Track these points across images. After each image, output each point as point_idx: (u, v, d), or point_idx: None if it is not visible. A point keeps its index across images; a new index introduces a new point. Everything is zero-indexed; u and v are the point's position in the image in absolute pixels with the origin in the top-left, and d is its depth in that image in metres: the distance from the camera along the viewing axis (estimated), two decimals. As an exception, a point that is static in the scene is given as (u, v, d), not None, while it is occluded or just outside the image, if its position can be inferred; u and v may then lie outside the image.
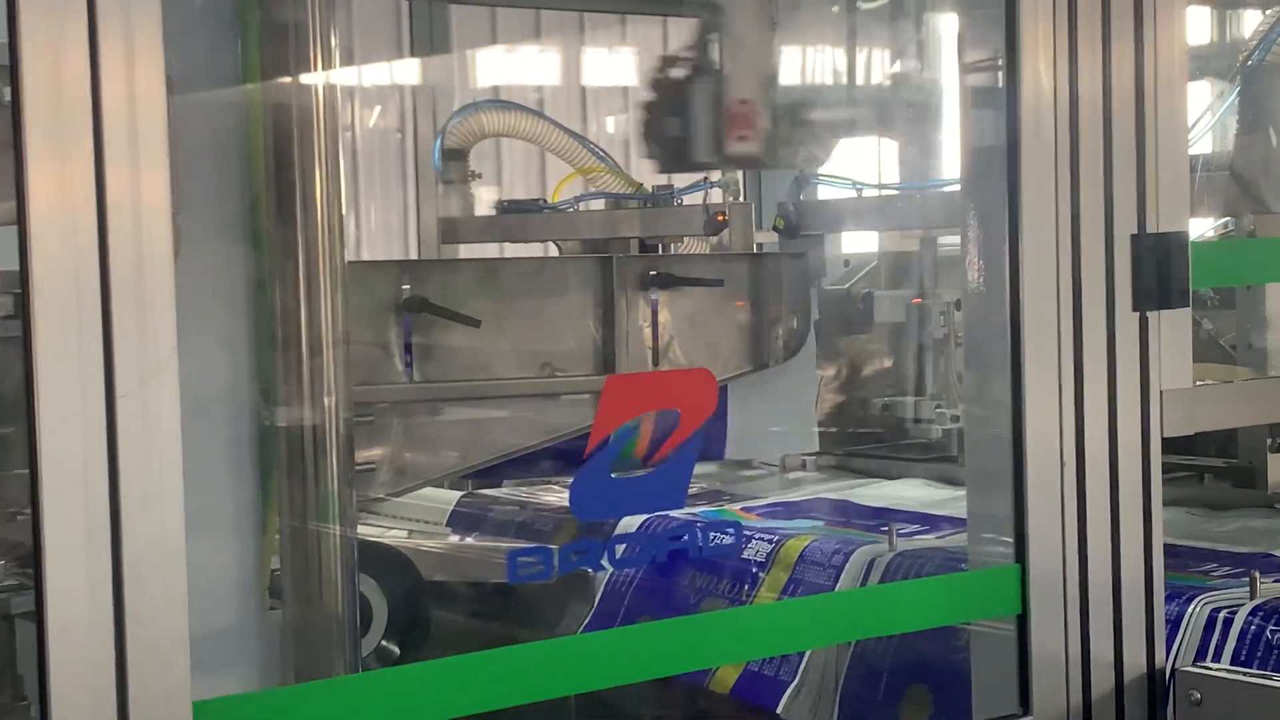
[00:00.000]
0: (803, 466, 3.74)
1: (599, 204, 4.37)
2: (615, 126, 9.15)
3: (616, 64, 9.33)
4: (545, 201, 4.54)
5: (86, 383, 1.44)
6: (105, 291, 1.45)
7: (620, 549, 2.41)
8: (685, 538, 2.51)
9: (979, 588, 2.06)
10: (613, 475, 1.83)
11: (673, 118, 3.01)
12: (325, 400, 2.17)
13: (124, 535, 1.46)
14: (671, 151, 3.05)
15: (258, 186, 2.13)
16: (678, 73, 3.01)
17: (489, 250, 4.87)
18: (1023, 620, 2.05)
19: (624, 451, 1.81)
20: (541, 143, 4.67)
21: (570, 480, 2.35)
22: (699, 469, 3.42)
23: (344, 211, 2.23)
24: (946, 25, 3.82)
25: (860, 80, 3.62)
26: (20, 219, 1.43)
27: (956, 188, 3.27)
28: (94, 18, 1.46)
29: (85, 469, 1.45)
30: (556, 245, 4.60)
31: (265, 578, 2.07)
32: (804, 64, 3.52)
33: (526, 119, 4.63)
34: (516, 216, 4.27)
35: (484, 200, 4.84)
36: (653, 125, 3.06)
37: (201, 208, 2.03)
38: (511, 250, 5.03)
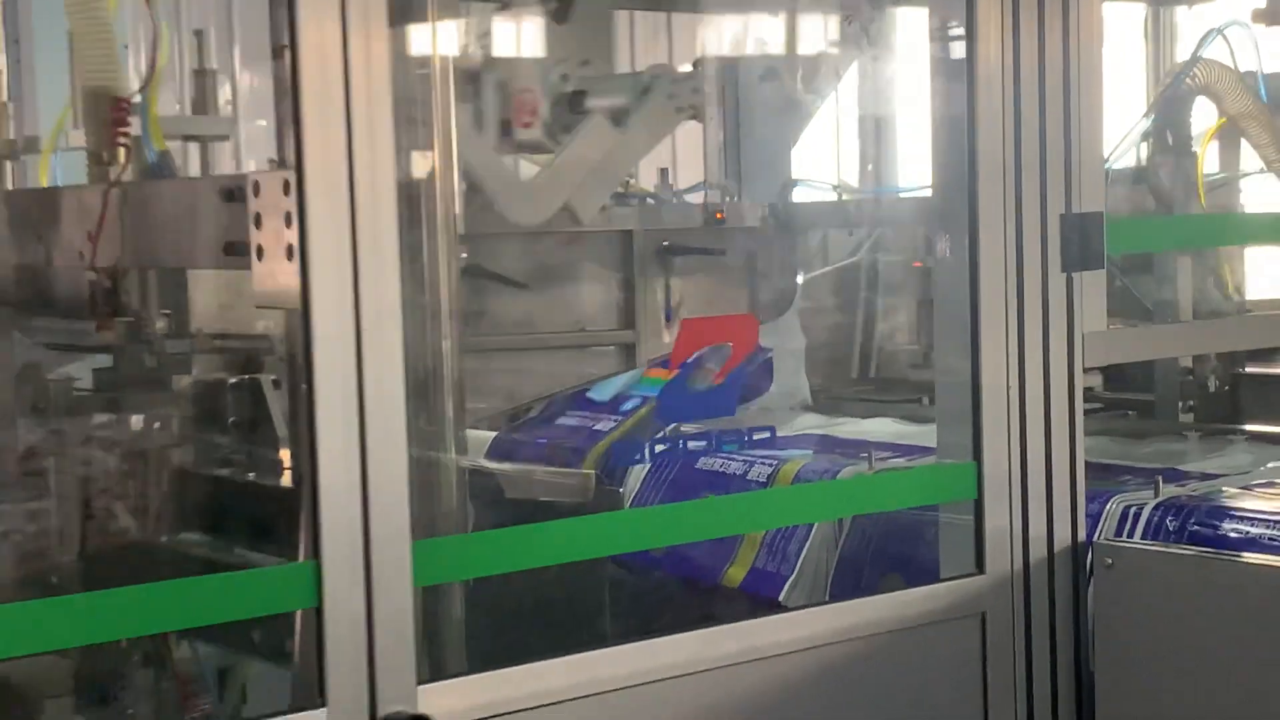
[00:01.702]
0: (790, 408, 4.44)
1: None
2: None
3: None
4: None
5: (343, 315, 2.12)
6: (354, 240, 2.12)
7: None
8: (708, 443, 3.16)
9: (947, 477, 2.79)
10: (688, 390, 2.54)
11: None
12: (444, 345, 2.84)
13: (367, 427, 2.14)
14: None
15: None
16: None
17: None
18: (978, 503, 2.77)
19: (695, 374, 2.52)
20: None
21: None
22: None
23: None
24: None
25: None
26: (299, 176, 2.09)
27: (921, 193, 4.01)
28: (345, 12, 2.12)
29: (343, 381, 2.13)
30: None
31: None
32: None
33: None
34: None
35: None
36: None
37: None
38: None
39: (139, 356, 3.09)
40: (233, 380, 3.16)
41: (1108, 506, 3.16)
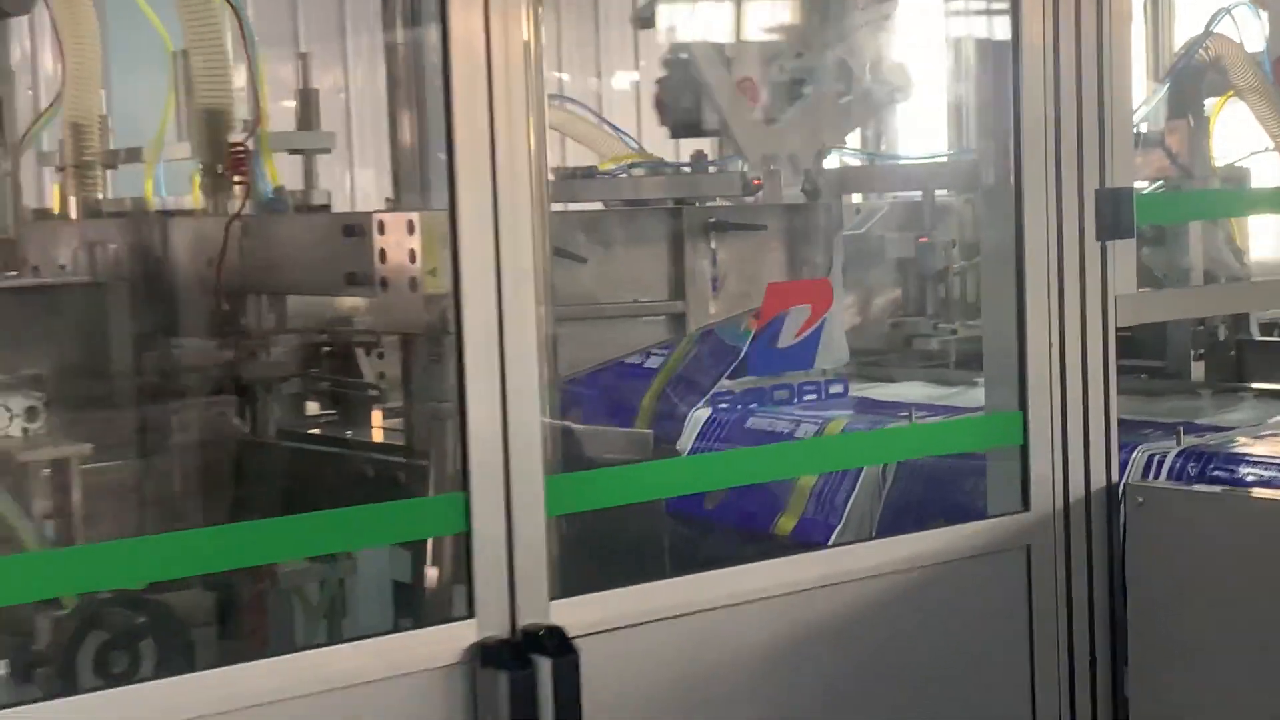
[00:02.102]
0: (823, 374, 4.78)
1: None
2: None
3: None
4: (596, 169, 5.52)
5: (487, 275, 2.44)
6: (495, 211, 2.45)
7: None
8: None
9: (997, 425, 3.12)
10: (773, 347, 2.88)
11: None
12: (540, 310, 3.16)
13: (508, 388, 2.47)
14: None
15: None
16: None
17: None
18: (1024, 449, 3.11)
19: (779, 332, 2.86)
20: (572, 134, 5.66)
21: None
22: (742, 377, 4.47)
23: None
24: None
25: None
26: (449, 151, 2.41)
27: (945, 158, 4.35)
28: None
29: (486, 332, 2.46)
30: (604, 204, 5.59)
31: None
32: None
33: (572, 120, 5.64)
34: (582, 180, 5.25)
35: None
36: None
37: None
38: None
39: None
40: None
41: (1134, 455, 3.51)
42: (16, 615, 2.88)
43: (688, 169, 5.22)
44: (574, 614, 2.53)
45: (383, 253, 2.83)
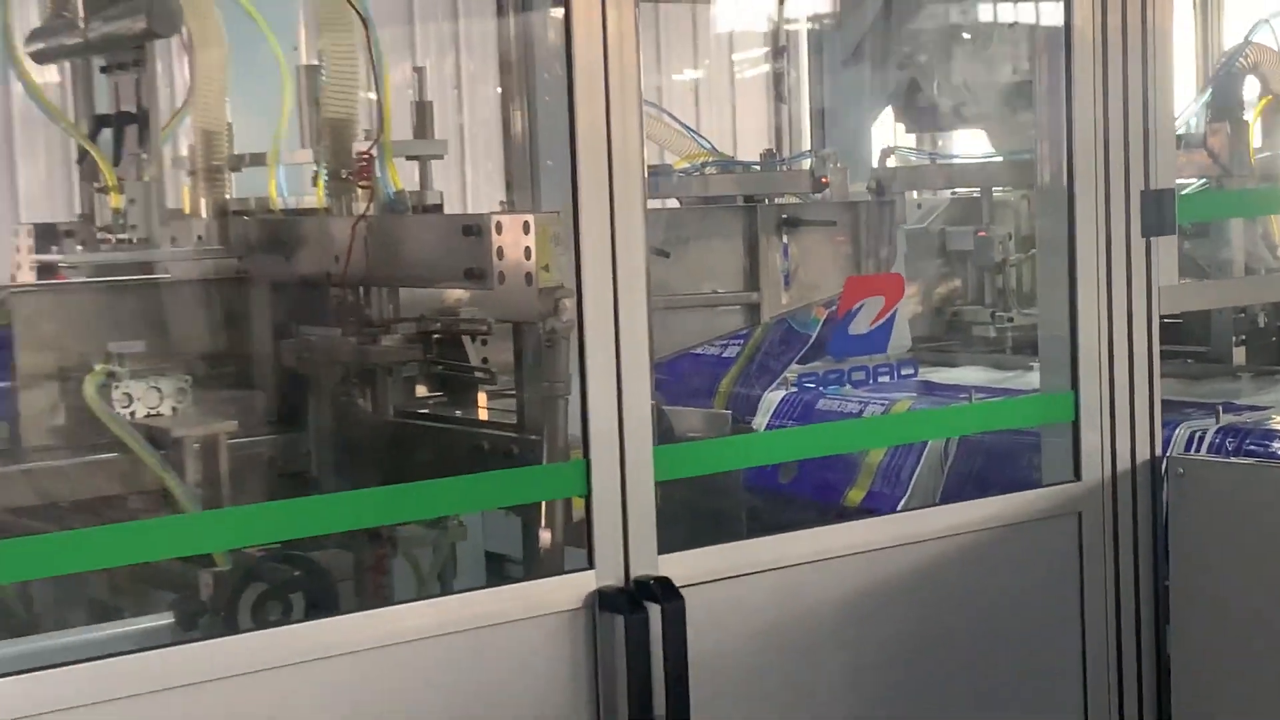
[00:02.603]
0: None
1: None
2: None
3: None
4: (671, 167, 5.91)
5: (604, 267, 2.82)
6: (612, 209, 2.82)
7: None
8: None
9: (1051, 403, 3.49)
10: (850, 333, 3.26)
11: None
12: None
13: (623, 370, 2.85)
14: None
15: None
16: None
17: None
18: (1075, 424, 3.47)
19: (857, 320, 3.24)
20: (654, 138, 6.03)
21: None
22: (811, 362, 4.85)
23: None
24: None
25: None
26: (571, 142, 2.78)
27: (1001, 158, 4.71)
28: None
29: (604, 320, 2.83)
30: (679, 201, 5.97)
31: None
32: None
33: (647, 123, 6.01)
34: (661, 178, 5.63)
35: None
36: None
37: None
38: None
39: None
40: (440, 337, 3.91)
41: (1177, 431, 3.87)
42: (179, 573, 3.29)
43: (758, 167, 5.61)
44: (679, 567, 2.91)
45: (500, 250, 3.20)
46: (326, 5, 3.65)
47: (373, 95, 3.74)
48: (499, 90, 3.57)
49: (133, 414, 3.44)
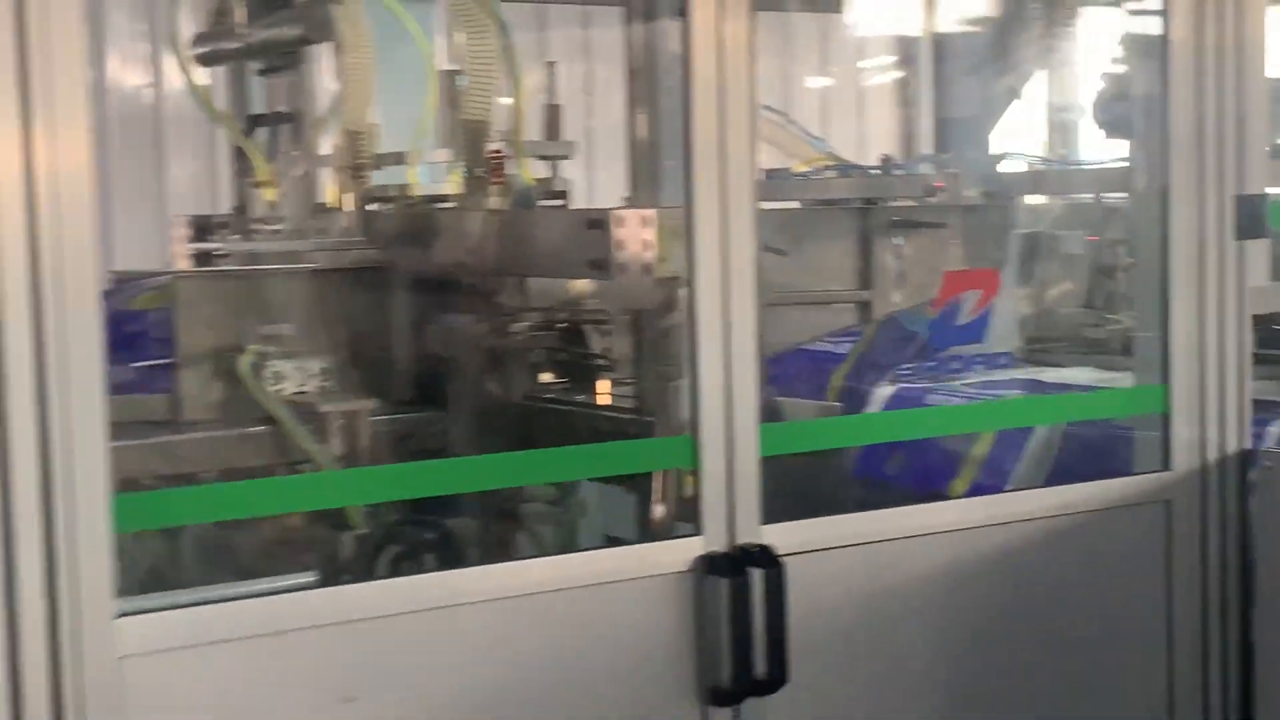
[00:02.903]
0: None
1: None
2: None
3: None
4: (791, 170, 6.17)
5: (714, 260, 3.09)
6: (724, 208, 3.08)
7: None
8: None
9: (1143, 395, 3.69)
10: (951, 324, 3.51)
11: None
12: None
13: (732, 340, 3.11)
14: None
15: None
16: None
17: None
18: (1166, 416, 3.67)
19: (956, 312, 3.48)
20: (774, 142, 6.30)
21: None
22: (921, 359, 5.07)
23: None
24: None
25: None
26: (687, 145, 3.04)
27: (1112, 165, 4.90)
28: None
29: (714, 309, 3.09)
30: (800, 203, 6.23)
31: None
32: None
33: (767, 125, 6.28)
34: (779, 181, 5.90)
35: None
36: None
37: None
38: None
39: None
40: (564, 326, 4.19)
41: (1269, 428, 4.05)
42: (322, 536, 3.61)
43: (876, 171, 5.84)
44: (780, 536, 3.16)
45: (620, 242, 3.46)
46: (465, 13, 3.95)
47: (507, 100, 4.04)
48: (626, 95, 3.84)
49: (281, 391, 3.76)
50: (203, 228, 4.79)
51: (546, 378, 4.32)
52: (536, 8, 8.67)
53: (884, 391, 5.07)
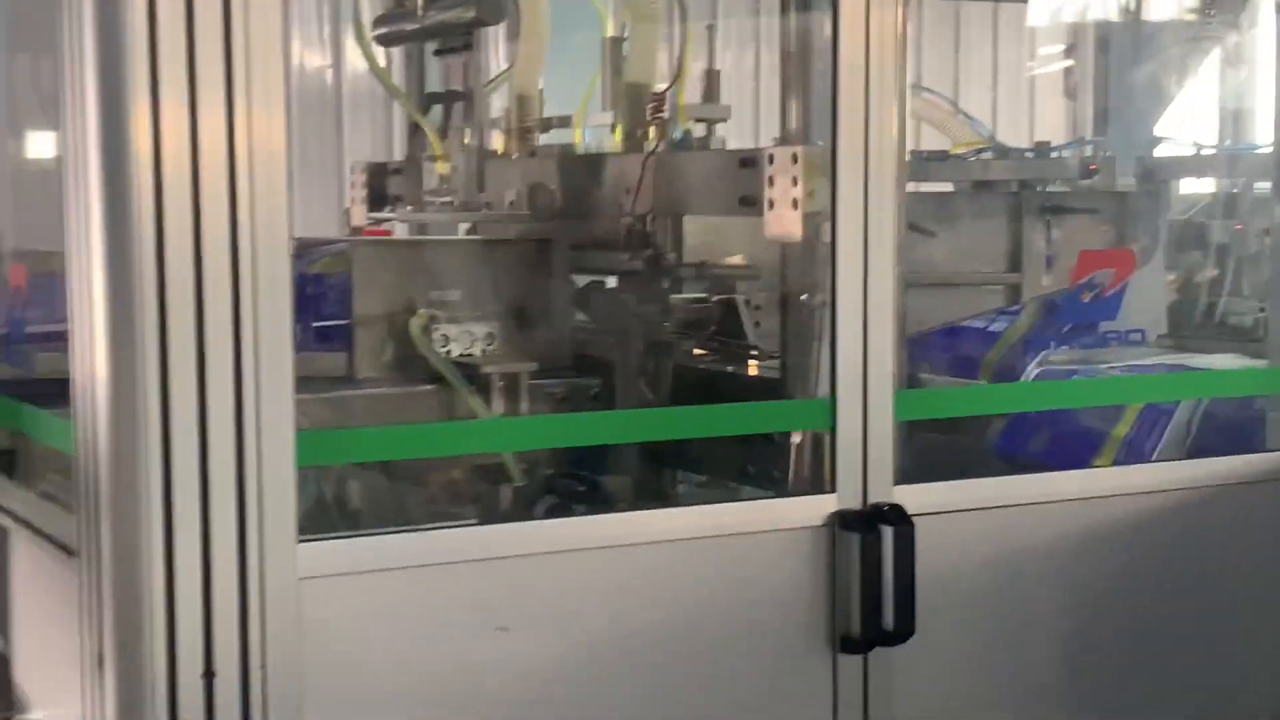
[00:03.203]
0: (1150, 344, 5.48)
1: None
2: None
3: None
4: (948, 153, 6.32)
5: (856, 236, 3.30)
6: (866, 189, 3.30)
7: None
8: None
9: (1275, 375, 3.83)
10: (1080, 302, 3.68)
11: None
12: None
13: (869, 315, 3.32)
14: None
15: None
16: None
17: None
18: (1300, 395, 3.82)
19: (1089, 289, 3.65)
20: (935, 124, 6.44)
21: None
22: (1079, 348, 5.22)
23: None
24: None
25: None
26: (833, 129, 3.25)
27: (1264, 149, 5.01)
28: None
29: (854, 284, 3.31)
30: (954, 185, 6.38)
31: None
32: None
33: (927, 107, 6.42)
34: (935, 163, 6.05)
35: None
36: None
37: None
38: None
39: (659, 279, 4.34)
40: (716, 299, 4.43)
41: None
42: (483, 489, 3.89)
43: (1031, 154, 5.98)
44: (912, 497, 3.37)
45: (770, 179, 3.64)
46: None
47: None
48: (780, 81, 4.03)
49: (449, 353, 4.05)
50: (379, 174, 5.13)
51: (699, 350, 4.57)
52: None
53: (1032, 371, 5.23)
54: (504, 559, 3.07)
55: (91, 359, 2.80)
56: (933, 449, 3.98)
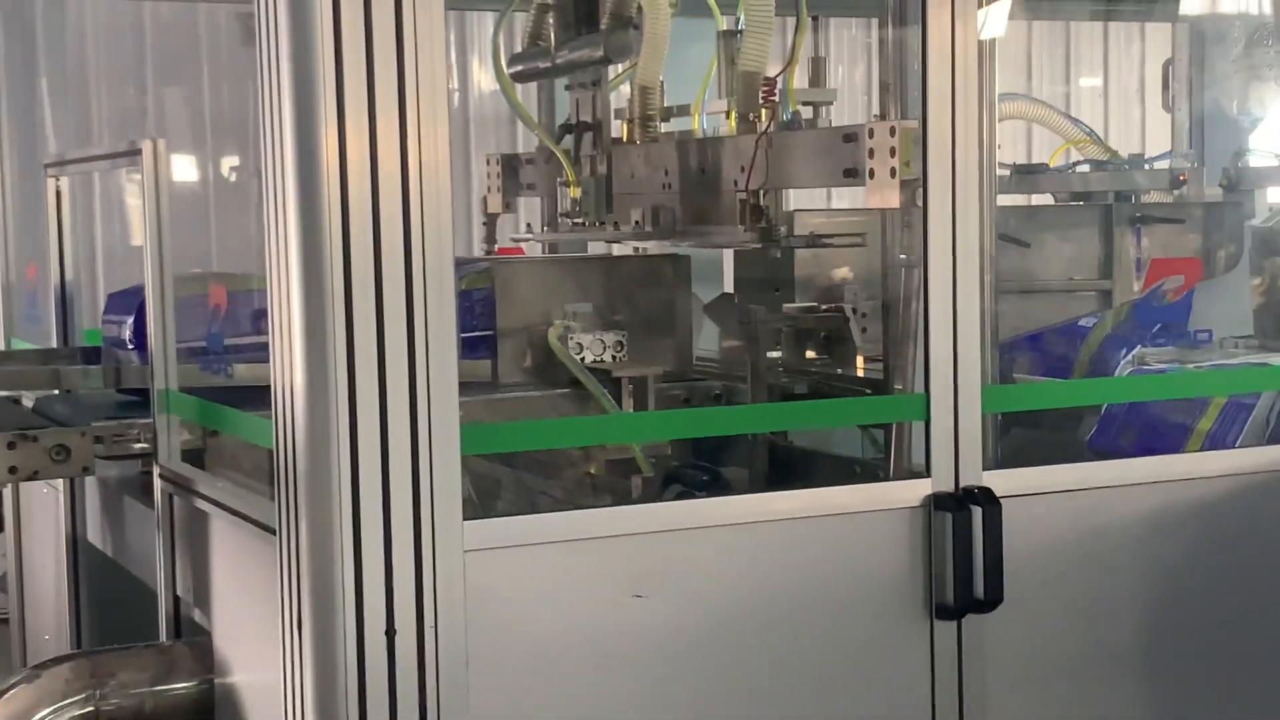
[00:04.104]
0: (1235, 345, 5.87)
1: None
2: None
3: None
4: (1046, 165, 6.74)
5: (945, 246, 3.77)
6: (953, 196, 3.76)
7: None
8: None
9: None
10: (1153, 305, 4.12)
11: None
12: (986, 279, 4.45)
13: (958, 312, 3.78)
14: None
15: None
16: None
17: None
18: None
19: (1157, 295, 4.10)
20: (1043, 123, 6.86)
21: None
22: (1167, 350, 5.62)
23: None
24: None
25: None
26: (923, 141, 3.73)
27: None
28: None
29: (944, 288, 3.78)
30: (1053, 196, 6.80)
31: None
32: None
33: (1033, 106, 6.84)
34: (1031, 177, 6.49)
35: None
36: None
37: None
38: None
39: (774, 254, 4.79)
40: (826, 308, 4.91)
41: None
42: (618, 481, 4.40)
43: (1126, 166, 6.40)
44: (1000, 481, 3.84)
45: (871, 151, 4.05)
46: None
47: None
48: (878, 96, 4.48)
49: (583, 359, 4.57)
50: (511, 165, 5.67)
51: (812, 354, 5.04)
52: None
53: (1125, 370, 5.65)
54: (640, 534, 3.57)
55: (290, 367, 3.34)
56: (1033, 444, 4.46)
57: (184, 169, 6.61)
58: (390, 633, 3.35)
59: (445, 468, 3.38)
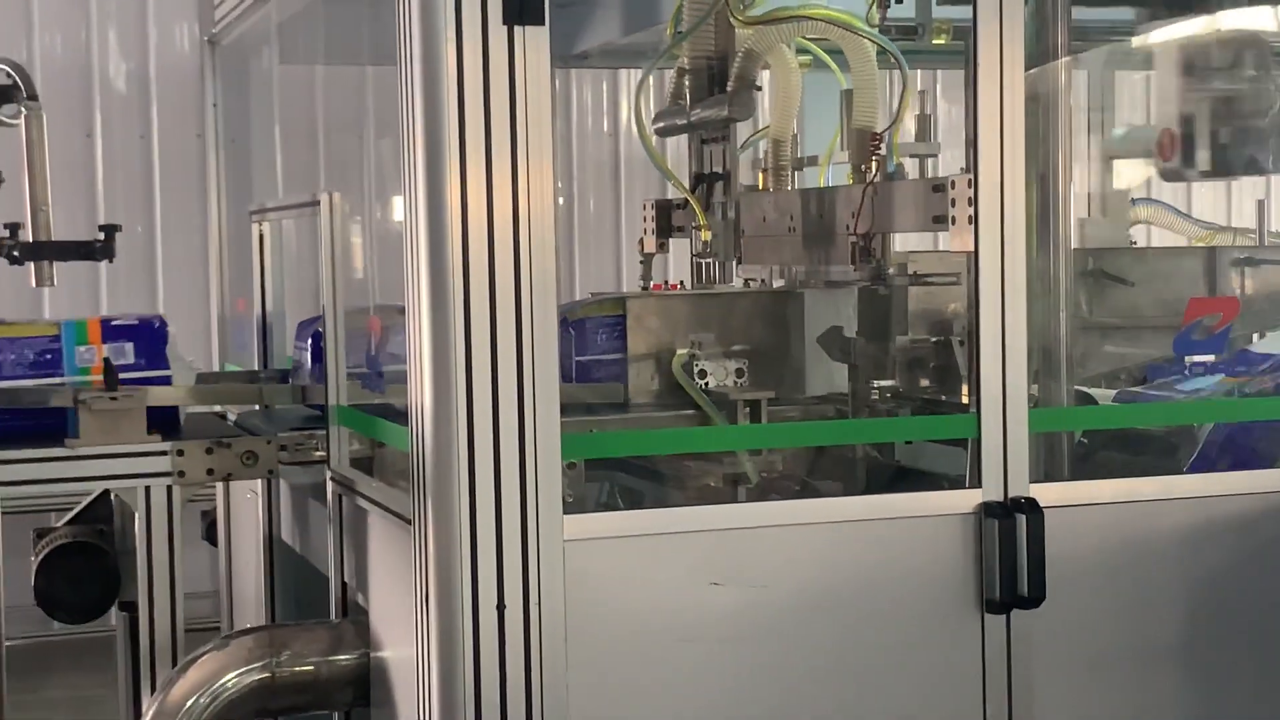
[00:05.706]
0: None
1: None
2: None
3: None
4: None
5: (995, 278, 4.27)
6: (1001, 240, 4.28)
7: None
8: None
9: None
10: (1192, 339, 4.58)
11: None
12: (1060, 320, 4.91)
13: (1006, 340, 4.28)
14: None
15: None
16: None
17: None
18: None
19: (1198, 329, 4.55)
20: (1170, 228, 7.23)
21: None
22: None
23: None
24: None
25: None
26: (974, 184, 4.26)
27: None
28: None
29: (994, 319, 4.28)
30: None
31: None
32: None
33: (1161, 213, 7.20)
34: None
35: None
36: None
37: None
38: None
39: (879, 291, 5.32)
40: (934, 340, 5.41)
41: None
42: (719, 489, 4.97)
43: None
44: (1045, 492, 4.32)
45: (952, 200, 4.51)
46: (856, 47, 5.20)
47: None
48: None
49: (706, 385, 5.16)
50: (665, 210, 6.32)
51: (924, 381, 5.53)
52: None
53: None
54: (718, 530, 4.15)
55: (421, 386, 4.00)
56: (1104, 464, 4.92)
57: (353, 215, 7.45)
58: (500, 608, 3.97)
59: (548, 470, 4.00)
